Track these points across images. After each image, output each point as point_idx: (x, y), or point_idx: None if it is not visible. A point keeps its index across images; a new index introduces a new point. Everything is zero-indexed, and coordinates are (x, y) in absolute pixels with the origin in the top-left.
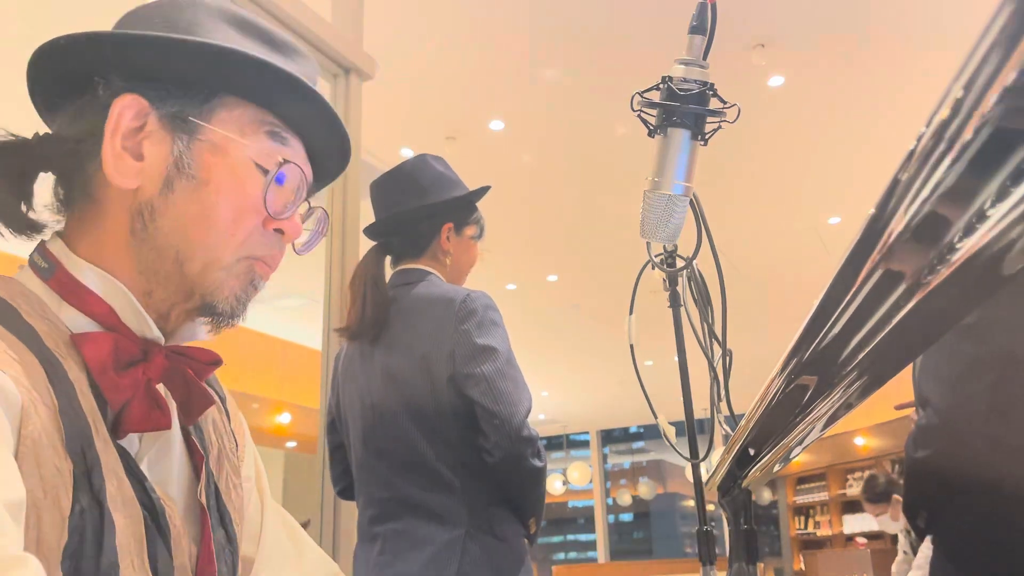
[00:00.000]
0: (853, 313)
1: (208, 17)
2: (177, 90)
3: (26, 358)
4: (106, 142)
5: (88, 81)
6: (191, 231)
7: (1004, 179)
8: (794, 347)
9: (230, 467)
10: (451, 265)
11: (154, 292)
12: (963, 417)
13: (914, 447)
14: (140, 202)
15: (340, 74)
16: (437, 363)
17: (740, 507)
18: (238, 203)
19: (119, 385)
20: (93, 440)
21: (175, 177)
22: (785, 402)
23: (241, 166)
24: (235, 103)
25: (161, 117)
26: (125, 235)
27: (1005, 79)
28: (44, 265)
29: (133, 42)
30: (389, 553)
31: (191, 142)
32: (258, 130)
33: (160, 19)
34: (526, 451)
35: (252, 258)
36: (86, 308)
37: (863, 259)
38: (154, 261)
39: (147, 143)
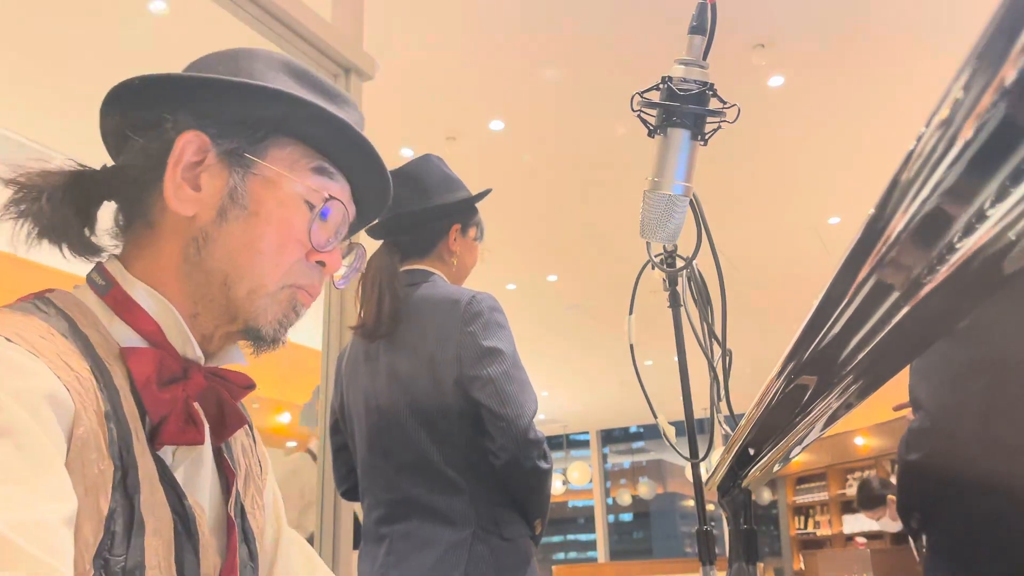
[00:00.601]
0: (853, 313)
1: (266, 66)
2: (236, 128)
3: (79, 364)
4: (168, 172)
5: (156, 118)
6: (240, 258)
7: (1004, 179)
8: (794, 347)
9: (255, 489)
10: (456, 266)
11: (200, 314)
12: (955, 420)
13: (907, 449)
14: (195, 229)
15: (340, 74)
16: (443, 365)
17: (740, 507)
18: (284, 234)
19: (160, 399)
20: (132, 446)
21: (229, 207)
22: (785, 402)
23: (290, 200)
24: (287, 142)
25: (220, 153)
26: (178, 259)
27: (1004, 79)
28: (101, 282)
29: (200, 84)
30: (396, 554)
31: (245, 176)
32: (306, 167)
33: (222, 67)
34: (533, 453)
35: (295, 286)
36: (136, 324)
37: (863, 259)
38: (203, 285)
39: (205, 175)
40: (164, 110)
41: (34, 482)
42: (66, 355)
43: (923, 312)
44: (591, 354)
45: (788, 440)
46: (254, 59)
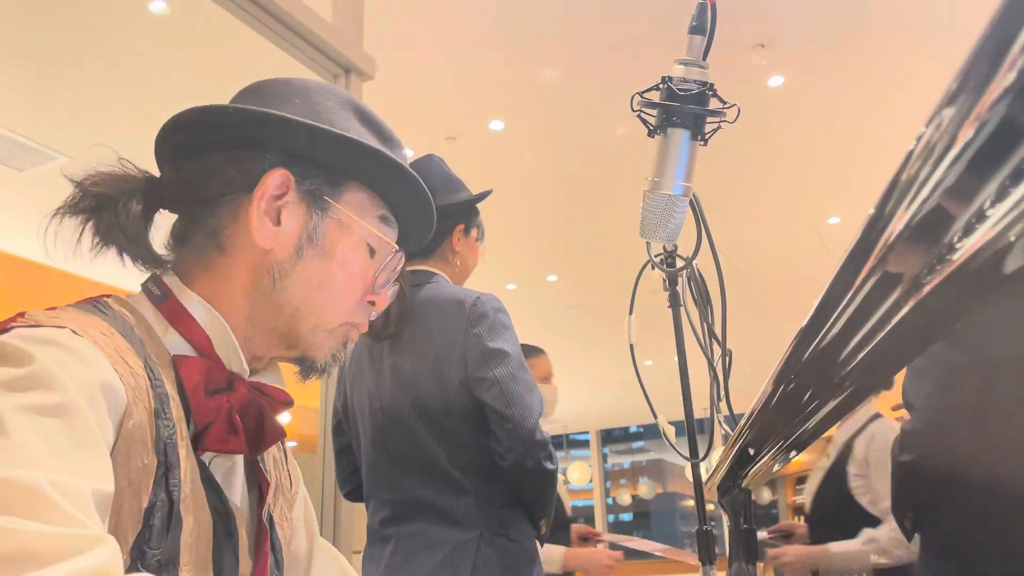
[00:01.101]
0: (853, 313)
1: (339, 107)
2: (317, 171)
3: (134, 361)
4: (254, 205)
5: (238, 145)
6: (311, 295)
7: (1004, 179)
8: (794, 347)
9: (284, 502)
10: (459, 266)
11: (255, 338)
12: (947, 421)
13: (899, 451)
14: (271, 262)
15: (340, 74)
16: (449, 366)
17: (740, 507)
18: (353, 277)
19: (206, 406)
20: (177, 445)
21: (306, 246)
22: (785, 402)
23: (359, 245)
24: (358, 188)
25: (301, 192)
26: (247, 287)
27: (1004, 79)
28: (158, 292)
29: (295, 127)
30: (402, 554)
31: (323, 218)
32: (374, 214)
33: (299, 102)
34: (539, 454)
35: (350, 324)
36: (188, 335)
37: (863, 259)
38: (268, 314)
39: (285, 212)
40: (253, 142)
41: (78, 461)
42: (123, 352)
43: (923, 312)
44: (591, 354)
45: (788, 440)
46: (327, 96)
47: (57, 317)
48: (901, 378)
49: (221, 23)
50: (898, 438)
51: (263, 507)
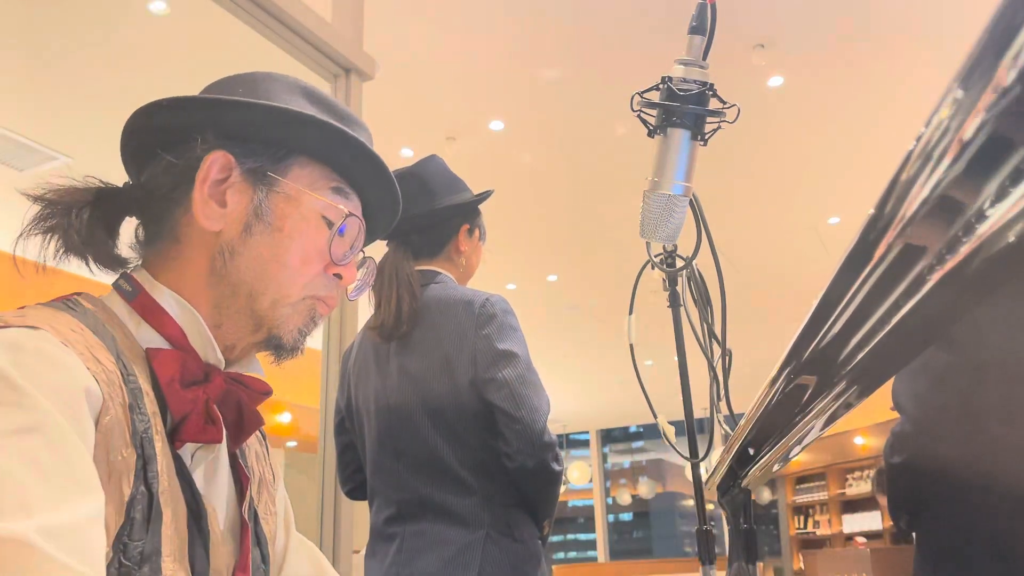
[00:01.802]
0: (852, 313)
1: (283, 89)
2: (259, 148)
3: (106, 357)
4: (196, 190)
5: (180, 138)
6: (264, 270)
7: (1003, 179)
8: (794, 347)
9: (268, 496)
10: (464, 266)
11: (224, 325)
12: (935, 423)
13: (890, 452)
14: (221, 243)
15: (340, 74)
16: (458, 366)
17: (740, 507)
18: (306, 248)
19: (182, 398)
20: (153, 438)
21: (254, 223)
22: (785, 402)
23: (311, 216)
24: (306, 162)
25: (244, 171)
26: (205, 271)
27: (1003, 79)
28: (128, 288)
29: (226, 106)
30: (407, 552)
31: (269, 193)
32: (325, 186)
33: (243, 90)
34: (547, 455)
35: (314, 297)
36: (161, 328)
37: (862, 259)
38: (228, 296)
39: (230, 192)
40: (191, 131)
41: (65, 477)
42: (94, 348)
43: (923, 312)
44: (591, 354)
45: (788, 440)
46: (273, 82)
47: (25, 316)
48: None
49: (221, 23)
50: (889, 440)
51: (244, 502)
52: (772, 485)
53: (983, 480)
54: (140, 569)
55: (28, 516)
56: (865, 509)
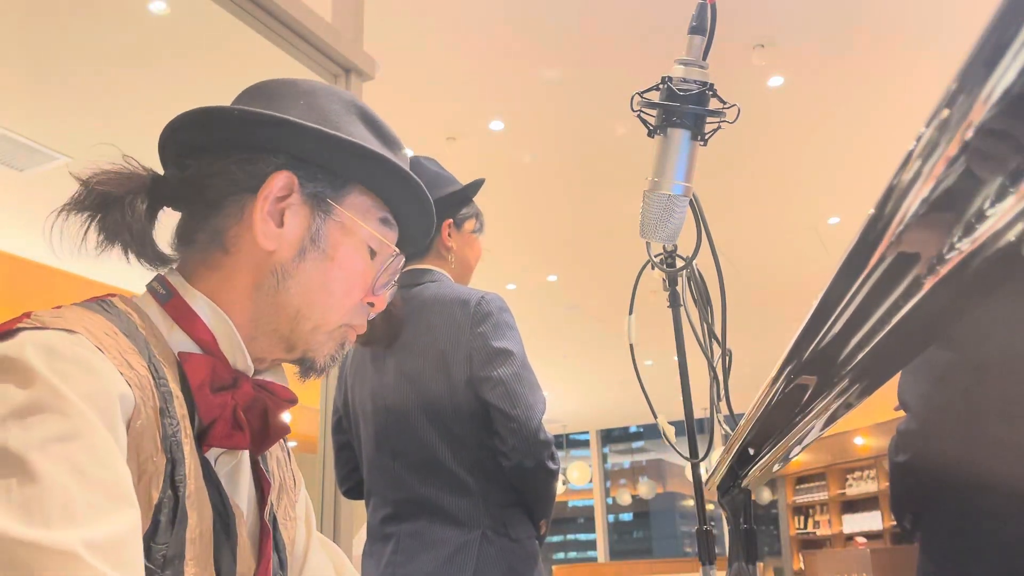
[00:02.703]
0: (852, 313)
1: (344, 110)
2: (320, 173)
3: (138, 361)
4: (258, 204)
5: (243, 148)
6: (313, 296)
7: (1003, 180)
8: (794, 347)
9: (288, 502)
10: (456, 262)
11: (258, 339)
12: (940, 421)
13: (895, 451)
14: (273, 263)
15: (340, 74)
16: (454, 365)
17: (740, 507)
18: (352, 280)
19: (211, 403)
20: (182, 442)
21: (309, 248)
22: (785, 402)
23: (360, 247)
24: (361, 191)
25: (304, 194)
26: (250, 288)
27: (1004, 80)
28: (163, 292)
29: (301, 130)
30: (404, 552)
31: (326, 220)
32: (375, 216)
33: (304, 104)
34: (542, 454)
35: (348, 325)
36: (193, 333)
37: (862, 259)
38: (271, 315)
39: (288, 213)
40: (258, 145)
41: (106, 486)
42: (127, 353)
43: (923, 312)
44: (591, 354)
45: (788, 440)
46: (332, 98)
47: (62, 317)
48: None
49: (221, 23)
50: (894, 439)
51: (265, 507)
52: (772, 485)
53: (988, 479)
54: (163, 572)
55: (73, 526)
56: (865, 509)
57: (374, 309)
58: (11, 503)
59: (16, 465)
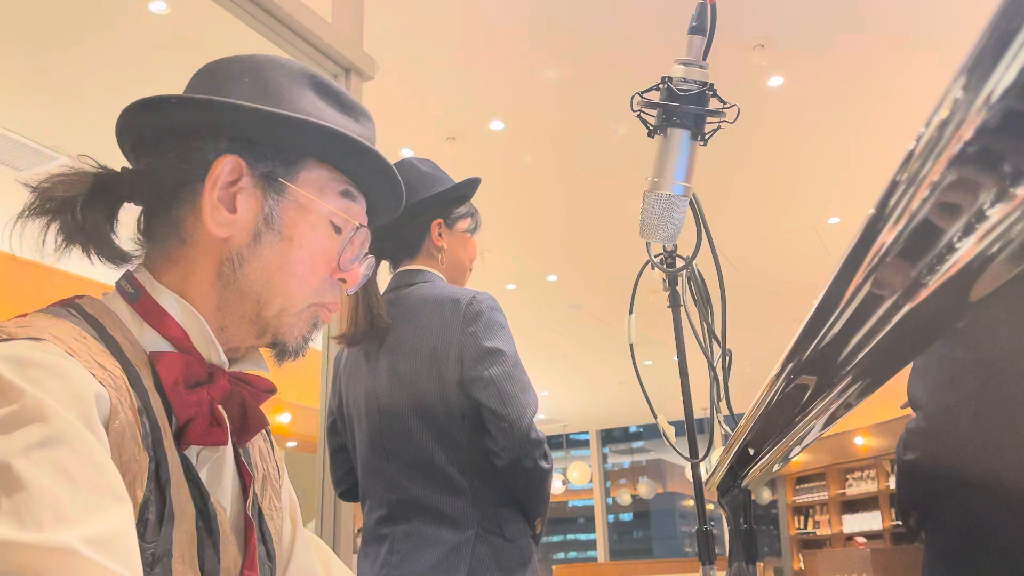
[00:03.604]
0: (852, 313)
1: (292, 82)
2: (269, 152)
3: (111, 363)
4: (206, 194)
5: (187, 135)
6: (273, 279)
7: (1003, 180)
8: (794, 347)
9: (272, 492)
10: (448, 262)
11: (228, 328)
12: (949, 421)
13: (903, 449)
14: (230, 250)
15: (340, 74)
16: (446, 365)
17: (740, 507)
18: (315, 257)
19: (187, 401)
20: (163, 440)
21: (264, 231)
22: (785, 402)
23: (320, 224)
24: (315, 165)
25: (254, 176)
26: (211, 276)
27: (1004, 79)
28: (131, 290)
29: (243, 112)
30: (398, 553)
31: (279, 200)
32: (334, 190)
33: (249, 80)
34: (534, 453)
35: (318, 304)
36: (164, 330)
37: (862, 259)
38: (235, 302)
39: (240, 198)
40: (200, 130)
41: (95, 485)
42: (98, 356)
43: (923, 312)
44: (591, 354)
45: (788, 440)
46: (279, 72)
47: (28, 326)
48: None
49: (221, 23)
50: (903, 437)
51: (248, 500)
52: (772, 485)
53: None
54: (152, 571)
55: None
56: (865, 509)
57: (347, 285)
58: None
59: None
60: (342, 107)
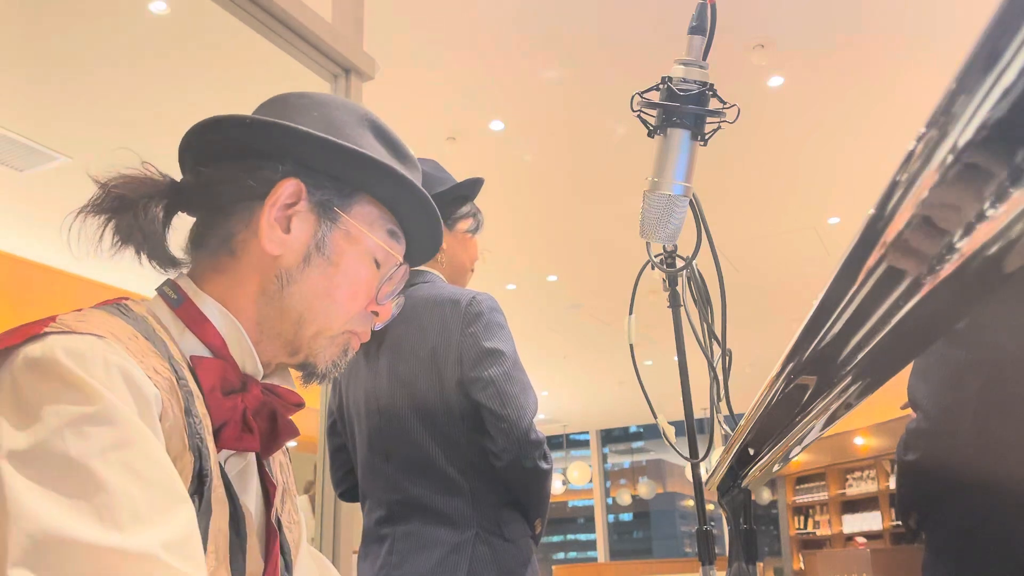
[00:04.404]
0: (852, 313)
1: (355, 121)
2: (328, 181)
3: (160, 364)
4: (265, 212)
5: (253, 155)
6: (316, 302)
7: (1003, 180)
8: (794, 347)
9: (292, 506)
10: (448, 263)
11: (262, 343)
12: (950, 421)
13: (904, 449)
14: (279, 268)
15: (340, 74)
16: (445, 366)
17: (740, 507)
18: (356, 287)
19: (222, 406)
20: (205, 438)
21: (313, 254)
22: (785, 402)
23: (365, 256)
24: (368, 201)
25: (311, 201)
26: (255, 291)
27: (1004, 78)
28: (174, 296)
29: (311, 139)
30: (398, 554)
31: (332, 228)
32: (382, 228)
33: (317, 115)
34: (534, 454)
35: (351, 332)
36: (204, 337)
37: (863, 259)
38: (274, 319)
39: (295, 220)
40: (268, 152)
41: (164, 486)
42: (148, 356)
43: (923, 312)
44: (591, 354)
45: (788, 440)
46: (344, 111)
47: (86, 321)
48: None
49: (221, 23)
50: (903, 437)
51: (271, 510)
52: (772, 485)
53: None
54: None
55: (144, 528)
56: (865, 509)
57: (379, 318)
58: (81, 512)
59: (81, 474)
60: (395, 152)
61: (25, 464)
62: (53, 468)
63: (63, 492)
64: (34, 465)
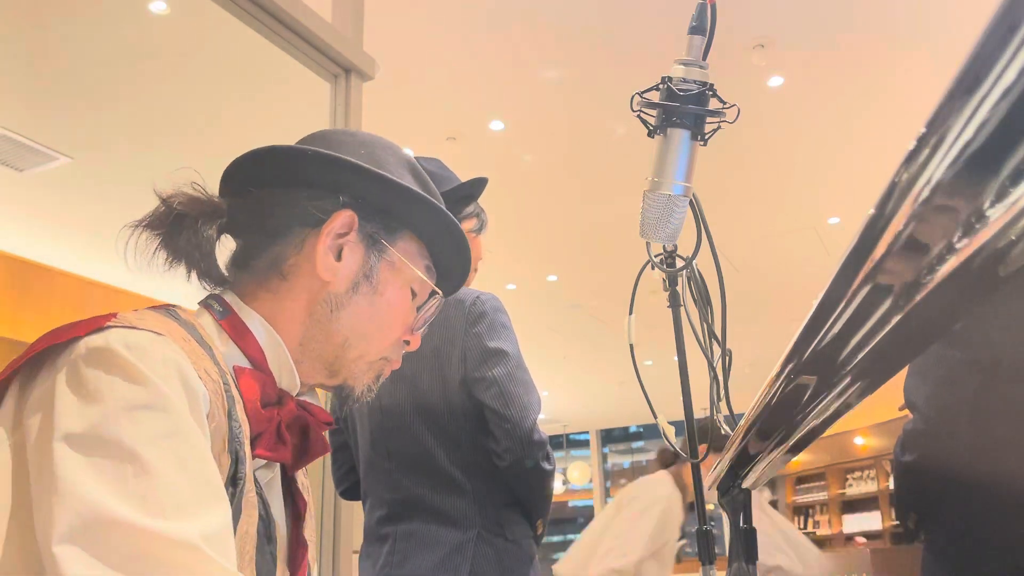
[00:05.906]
0: (852, 314)
1: (397, 162)
2: (377, 216)
3: (209, 366)
4: (321, 239)
5: (308, 184)
6: (360, 328)
7: (1003, 179)
8: (794, 347)
9: (312, 526)
10: None
11: (303, 363)
12: (948, 422)
13: (902, 451)
14: (328, 293)
15: (340, 74)
16: (448, 365)
17: (740, 507)
18: (396, 315)
19: (260, 417)
20: (244, 444)
21: (362, 282)
22: (785, 402)
23: (405, 288)
24: (410, 238)
25: (362, 233)
26: (302, 313)
27: (1004, 79)
28: (220, 308)
29: (368, 176)
30: (400, 553)
31: (379, 259)
32: (420, 262)
33: (365, 153)
34: (537, 455)
35: (386, 359)
36: (246, 349)
37: (862, 259)
38: (318, 341)
39: (346, 249)
40: (324, 183)
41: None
42: (199, 357)
43: (922, 312)
44: (591, 354)
45: (788, 440)
46: (387, 151)
47: (145, 319)
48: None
49: (221, 23)
50: (900, 438)
51: (301, 525)
52: (772, 485)
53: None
54: None
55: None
56: (865, 509)
57: (409, 347)
58: (129, 494)
59: (130, 458)
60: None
61: (78, 446)
62: (104, 451)
63: (112, 474)
64: (86, 447)
